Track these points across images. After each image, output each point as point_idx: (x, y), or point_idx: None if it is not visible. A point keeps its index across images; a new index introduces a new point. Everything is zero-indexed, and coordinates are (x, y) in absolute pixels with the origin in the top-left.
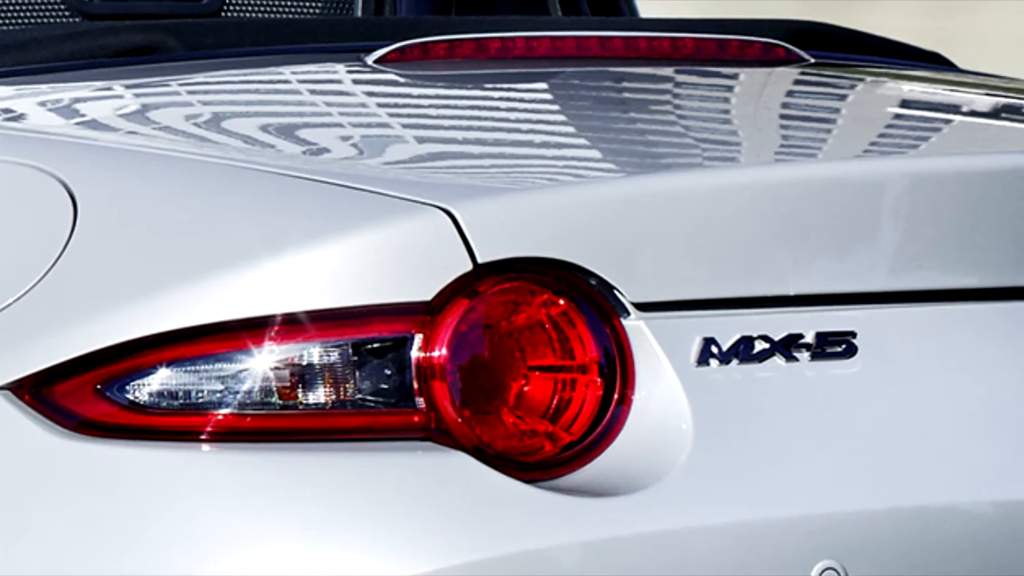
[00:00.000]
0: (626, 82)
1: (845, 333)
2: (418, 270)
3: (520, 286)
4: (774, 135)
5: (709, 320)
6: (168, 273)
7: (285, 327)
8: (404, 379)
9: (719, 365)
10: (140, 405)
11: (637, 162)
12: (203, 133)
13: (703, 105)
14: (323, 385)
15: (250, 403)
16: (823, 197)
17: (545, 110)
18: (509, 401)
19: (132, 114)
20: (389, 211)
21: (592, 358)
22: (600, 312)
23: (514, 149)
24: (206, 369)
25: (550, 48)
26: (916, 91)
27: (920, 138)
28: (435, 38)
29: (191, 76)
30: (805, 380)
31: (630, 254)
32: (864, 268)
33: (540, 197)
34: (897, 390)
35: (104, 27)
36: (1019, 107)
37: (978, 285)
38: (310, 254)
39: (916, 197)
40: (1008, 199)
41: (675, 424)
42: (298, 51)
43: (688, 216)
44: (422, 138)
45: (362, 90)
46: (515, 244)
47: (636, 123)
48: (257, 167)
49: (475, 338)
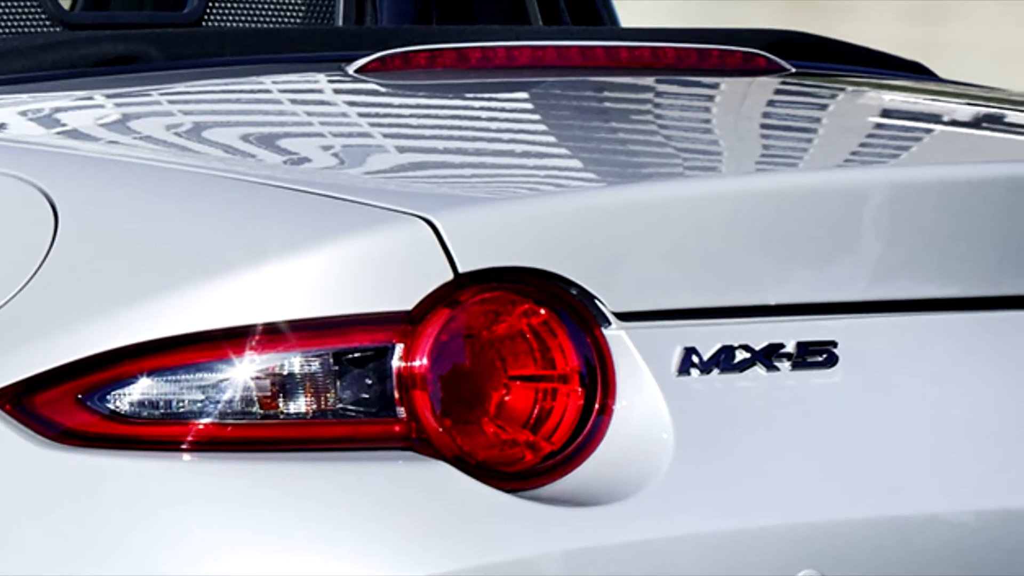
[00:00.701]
0: (607, 92)
1: (826, 343)
2: (399, 280)
3: (501, 296)
4: (755, 144)
5: (690, 330)
6: (149, 283)
7: (266, 337)
8: (385, 389)
9: (700, 375)
10: (121, 415)
11: (618, 172)
12: (184, 142)
13: (684, 115)
14: (304, 395)
15: (231, 413)
16: (804, 207)
17: (526, 120)
18: (490, 411)
19: (113, 123)
20: (370, 221)
21: (573, 368)
22: (581, 322)
23: (495, 159)
24: (187, 379)
25: (531, 58)
26: (897, 101)
27: (901, 148)
28: (416, 47)
29: (172, 86)
30: (786, 390)
31: (611, 264)
32: (845, 278)
33: (521, 207)
34: (878, 400)
35: (85, 37)
36: (999, 117)
37: (959, 295)
38: (291, 263)
39: (897, 207)
40: (989, 209)
41: (656, 434)
42: (279, 60)
43: (669, 226)
44: (403, 147)
45: (343, 99)
46: (496, 254)
47: (617, 133)
48: (238, 176)
49: (456, 348)
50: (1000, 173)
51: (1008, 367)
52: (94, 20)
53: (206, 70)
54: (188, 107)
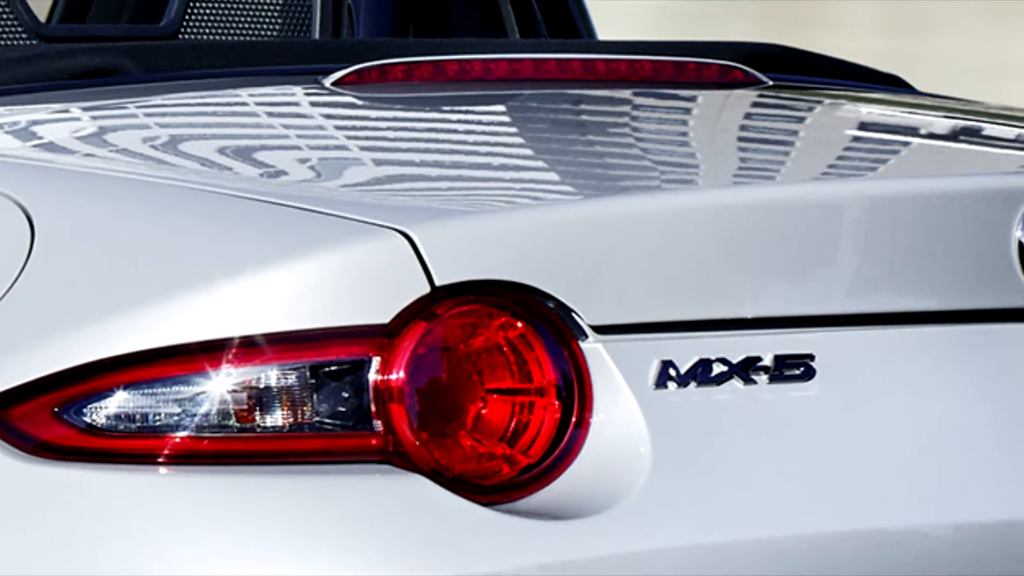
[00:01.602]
0: (584, 104)
1: (803, 356)
2: (376, 293)
3: (478, 309)
4: (732, 157)
5: (667, 343)
6: (125, 296)
7: (243, 350)
8: (362, 402)
9: (677, 388)
10: (98, 428)
11: (595, 184)
12: (160, 155)
13: (661, 127)
14: (281, 408)
15: (208, 426)
16: (781, 220)
17: (503, 132)
18: (467, 424)
19: (90, 136)
20: (346, 234)
21: (550, 381)
22: (558, 335)
23: (472, 172)
24: (164, 392)
25: (508, 70)
26: (874, 113)
27: (878, 160)
28: (393, 60)
29: (148, 98)
30: (763, 403)
31: (588, 277)
32: (822, 291)
33: (498, 220)
34: (855, 413)
35: (61, 49)
36: (977, 129)
37: (936, 308)
38: (267, 277)
39: (874, 220)
40: (966, 222)
41: (633, 447)
42: (255, 73)
43: (646, 239)
44: (380, 160)
45: (320, 112)
46: (473, 267)
47: (594, 145)
48: (214, 189)
49: (433, 361)
50: (977, 186)
51: (986, 380)
52: (71, 33)
53: (183, 83)
54: (165, 120)
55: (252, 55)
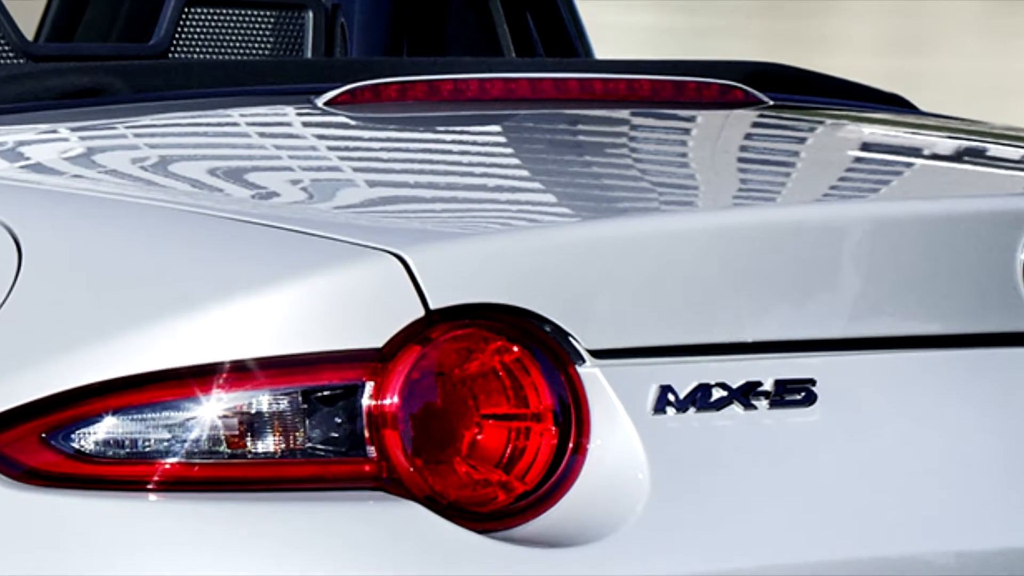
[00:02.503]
0: (581, 125)
1: (804, 381)
2: (369, 316)
3: (473, 333)
4: (732, 179)
5: (666, 367)
6: (114, 319)
7: (234, 374)
8: (355, 428)
9: (676, 413)
10: (86, 454)
11: (593, 206)
12: (150, 176)
13: (660, 148)
14: (272, 434)
15: (198, 452)
16: (782, 242)
17: (499, 153)
18: (462, 450)
19: (78, 157)
20: (339, 256)
21: (546, 406)
22: (555, 359)
23: (467, 193)
24: (153, 417)
25: (504, 90)
26: (876, 134)
27: (881, 182)
28: (386, 80)
29: (138, 118)
30: (763, 428)
31: (585, 300)
32: (824, 315)
33: (493, 242)
34: (857, 439)
35: (49, 68)
36: (981, 150)
37: (940, 332)
38: (259, 300)
39: (877, 242)
40: (970, 244)
41: (631, 474)
42: (247, 93)
43: (645, 262)
44: (373, 182)
45: (312, 133)
46: (468, 290)
47: (591, 167)
48: (205, 211)
49: (427, 386)
50: (982, 207)
51: (990, 405)
52: (59, 52)
53: (173, 103)
54: (154, 140)
55: (243, 74)
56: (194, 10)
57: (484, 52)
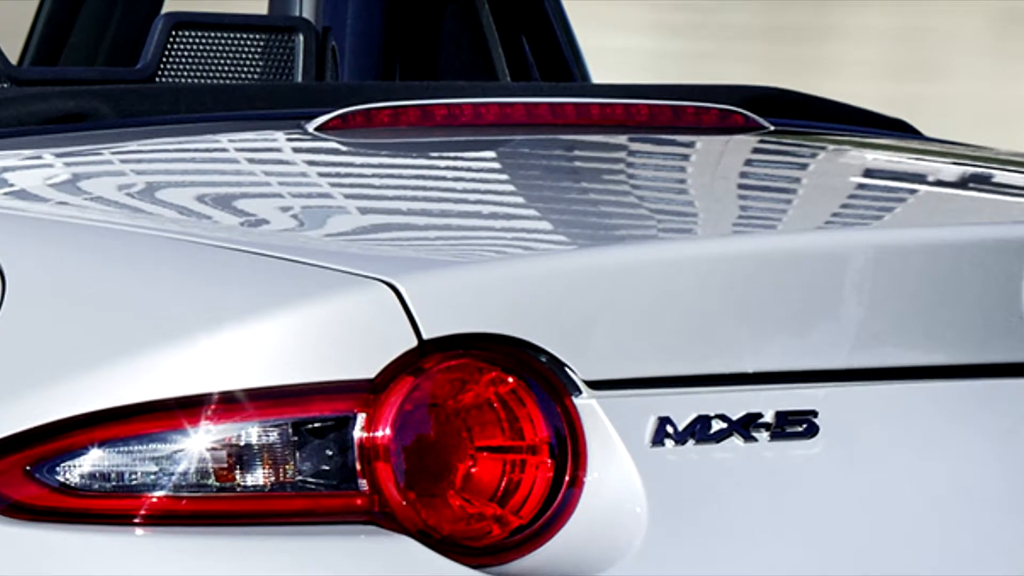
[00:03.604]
0: (578, 150)
1: (806, 412)
2: (361, 346)
3: (467, 363)
4: (732, 206)
5: (664, 399)
6: (100, 350)
7: (222, 406)
8: (346, 460)
9: (675, 446)
10: (71, 487)
11: (589, 234)
12: (137, 203)
13: (658, 174)
14: (262, 466)
15: (186, 485)
16: (783, 270)
17: (493, 180)
18: (456, 483)
19: (63, 184)
20: (331, 285)
21: (542, 438)
22: (550, 390)
23: (461, 220)
24: (140, 450)
25: (499, 115)
26: (880, 160)
27: (884, 209)
28: (378, 104)
29: (124, 144)
30: (764, 461)
31: (582, 330)
32: (825, 345)
33: (488, 271)
34: (860, 472)
35: (33, 93)
36: (987, 177)
37: (944, 363)
38: (248, 330)
39: (880, 271)
40: (976, 273)
41: (629, 507)
42: (236, 118)
43: (642, 290)
44: (365, 209)
45: (302, 159)
46: (462, 319)
47: (588, 193)
48: (193, 239)
49: (420, 417)
50: (987, 236)
51: (995, 437)
52: (43, 76)
53: (160, 128)
54: (141, 166)
55: (232, 99)
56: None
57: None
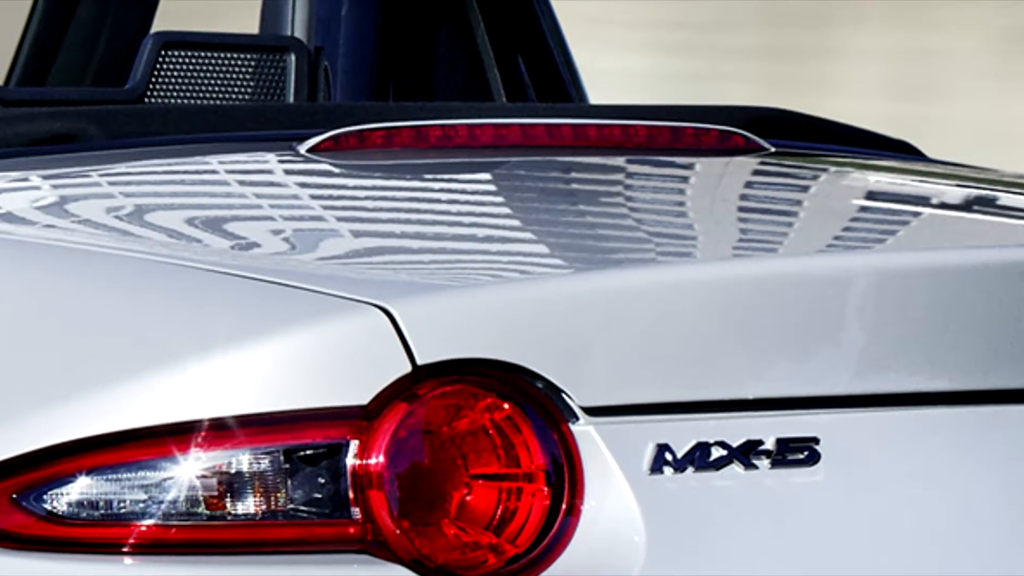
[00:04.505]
0: (575, 173)
1: (807, 439)
2: (354, 372)
3: (462, 389)
4: (732, 229)
5: (663, 425)
6: (88, 376)
7: (213, 433)
8: (339, 488)
9: (674, 473)
10: (59, 516)
11: (587, 258)
12: (125, 226)
13: (657, 197)
14: (253, 494)
15: (176, 513)
16: (784, 295)
17: (489, 202)
18: (450, 511)
19: (50, 206)
20: (323, 309)
21: (539, 466)
22: (547, 417)
23: (456, 244)
24: (129, 477)
25: (494, 136)
26: (883, 182)
27: (887, 232)
28: (372, 125)
29: (112, 166)
30: (765, 489)
31: (579, 355)
32: (827, 370)
33: (483, 295)
34: (862, 500)
35: (20, 114)
36: (991, 199)
37: (948, 389)
38: (239, 355)
39: (883, 295)
40: (980, 297)
41: (627, 536)
42: (226, 139)
43: (641, 315)
44: (358, 232)
45: (294, 181)
46: (457, 345)
47: (585, 216)
48: (183, 263)
49: (414, 444)
50: (992, 259)
51: (1000, 465)
52: (30, 97)
53: (149, 149)
54: (130, 189)
55: (223, 120)
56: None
57: (474, 97)
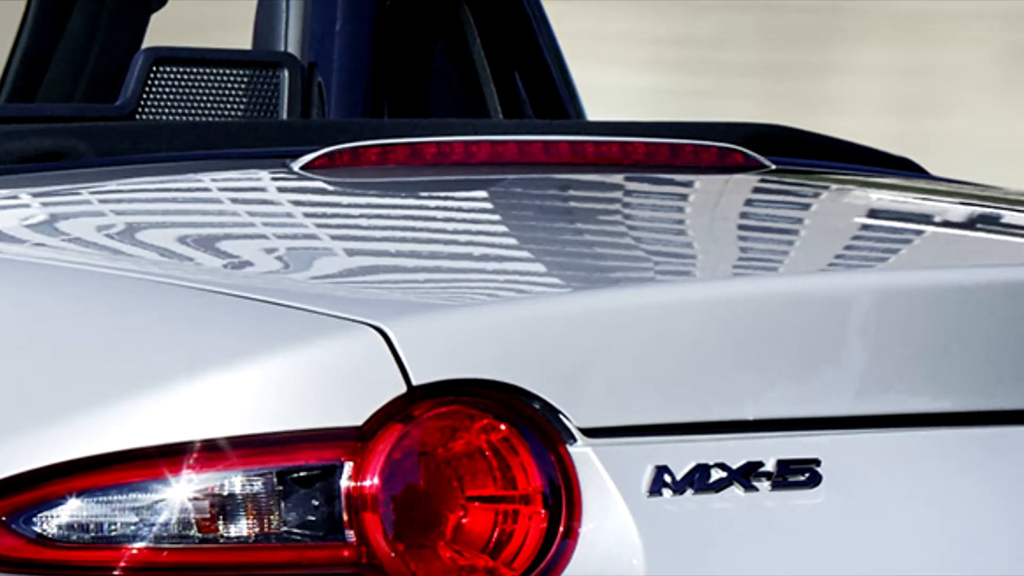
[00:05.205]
0: (572, 190)
1: (808, 461)
2: (348, 393)
3: (458, 410)
4: (732, 248)
5: (662, 447)
6: (78, 396)
7: (205, 454)
8: (333, 510)
9: (673, 495)
10: (49, 538)
11: (584, 277)
12: (116, 245)
13: (655, 215)
14: (246, 517)
15: (167, 536)
16: (785, 314)
17: (485, 220)
18: (446, 534)
19: (39, 224)
20: (317, 329)
21: (536, 488)
22: (544, 438)
23: (452, 263)
24: (120, 499)
25: (491, 153)
26: (885, 200)
27: (889, 251)
28: (366, 143)
29: (103, 183)
30: (765, 512)
31: (577, 376)
32: (829, 391)
33: (480, 314)
34: (864, 522)
35: (9, 131)
36: (996, 217)
37: (951, 409)
38: (231, 376)
39: (885, 314)
40: (984, 317)
41: (625, 559)
42: (219, 156)
43: (639, 335)
44: (352, 251)
45: (288, 198)
46: (453, 365)
47: (583, 235)
48: (175, 282)
49: (409, 466)
50: (996, 278)
51: (1004, 487)
52: (19, 113)
53: (140, 167)
54: (121, 207)
55: (215, 137)
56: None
57: (470, 113)
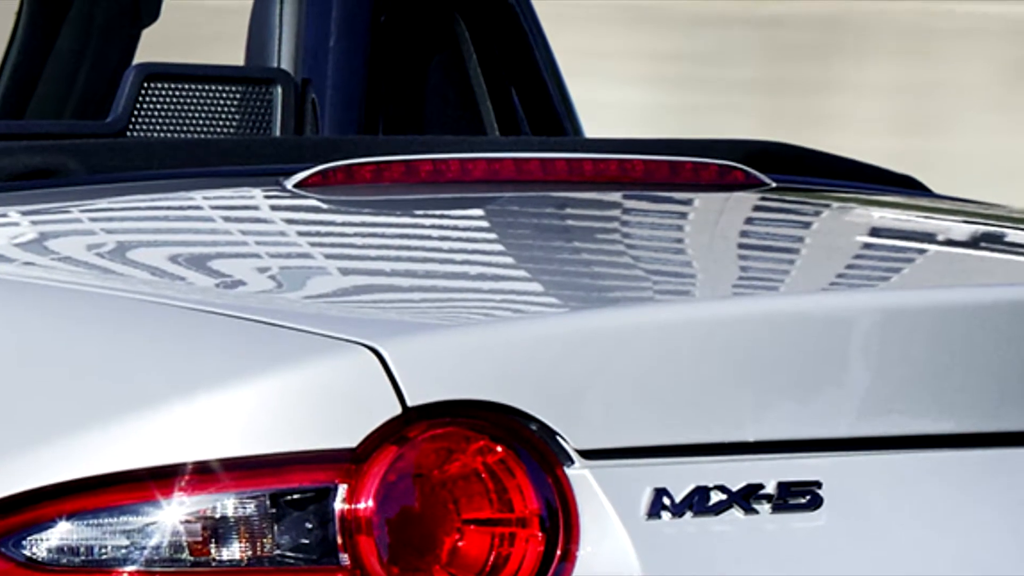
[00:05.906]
0: (570, 208)
1: (809, 483)
2: (342, 414)
3: (454, 432)
4: (731, 267)
5: (661, 469)
6: (68, 417)
7: (197, 477)
8: (327, 533)
9: (672, 518)
10: (38, 562)
11: (582, 296)
12: (107, 264)
13: (654, 234)
14: (239, 540)
15: (158, 560)
16: (785, 334)
17: (481, 239)
18: (442, 557)
19: (29, 243)
20: (310, 349)
21: (533, 510)
22: (541, 460)
23: (448, 282)
24: (110, 522)
25: (487, 171)
26: (887, 218)
27: (891, 270)
28: (361, 160)
29: (94, 201)
30: (765, 534)
31: (574, 397)
32: (830, 412)
33: (476, 335)
34: (865, 545)
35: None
36: (999, 235)
37: (954, 431)
38: (224, 396)
39: (886, 335)
40: (987, 337)
41: None
42: (211, 174)
43: (638, 355)
44: (346, 270)
45: (281, 217)
46: (448, 386)
47: (581, 254)
48: (166, 301)
49: (404, 489)
50: (999, 297)
51: (1007, 509)
52: (8, 130)
53: (132, 184)
54: (112, 225)
55: (207, 154)
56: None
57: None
